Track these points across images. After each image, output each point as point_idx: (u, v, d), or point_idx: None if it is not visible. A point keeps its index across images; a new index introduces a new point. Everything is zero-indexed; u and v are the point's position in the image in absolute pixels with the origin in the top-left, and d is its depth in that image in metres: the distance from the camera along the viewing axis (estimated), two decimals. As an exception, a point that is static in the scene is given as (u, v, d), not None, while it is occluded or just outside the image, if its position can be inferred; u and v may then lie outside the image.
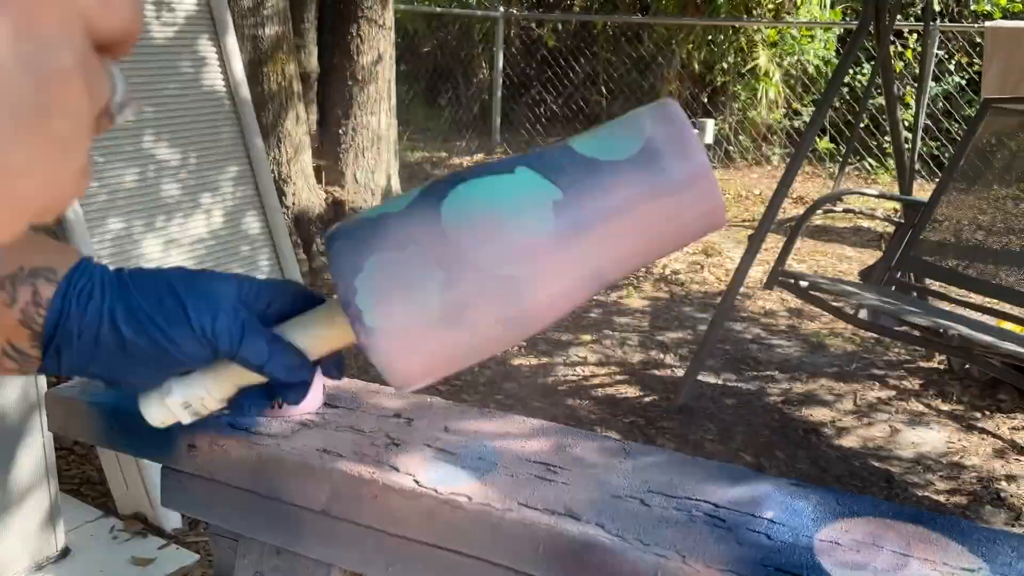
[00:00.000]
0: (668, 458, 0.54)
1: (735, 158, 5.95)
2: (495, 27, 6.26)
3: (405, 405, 0.60)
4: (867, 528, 0.47)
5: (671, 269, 3.73)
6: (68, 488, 1.81)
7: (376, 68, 3.70)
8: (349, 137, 3.73)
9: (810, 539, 0.46)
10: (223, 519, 0.57)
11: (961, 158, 2.36)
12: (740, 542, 0.45)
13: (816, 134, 2.70)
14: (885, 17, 2.42)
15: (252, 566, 0.57)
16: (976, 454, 2.22)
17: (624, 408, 2.41)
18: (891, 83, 2.66)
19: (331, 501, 0.52)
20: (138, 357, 0.40)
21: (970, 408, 2.46)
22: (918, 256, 2.36)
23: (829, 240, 4.25)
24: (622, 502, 0.49)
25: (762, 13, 5.96)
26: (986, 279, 2.19)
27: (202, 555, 1.63)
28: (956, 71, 5.48)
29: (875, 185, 5.23)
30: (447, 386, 2.47)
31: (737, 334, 2.99)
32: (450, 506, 0.49)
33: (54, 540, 1.57)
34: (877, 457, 2.20)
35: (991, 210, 2.30)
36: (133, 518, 1.73)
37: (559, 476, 0.51)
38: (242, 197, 2.12)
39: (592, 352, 2.81)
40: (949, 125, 5.30)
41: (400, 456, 0.53)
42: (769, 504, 0.49)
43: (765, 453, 2.20)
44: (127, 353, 0.40)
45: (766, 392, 2.54)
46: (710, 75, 6.00)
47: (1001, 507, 1.99)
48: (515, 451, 0.54)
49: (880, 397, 2.53)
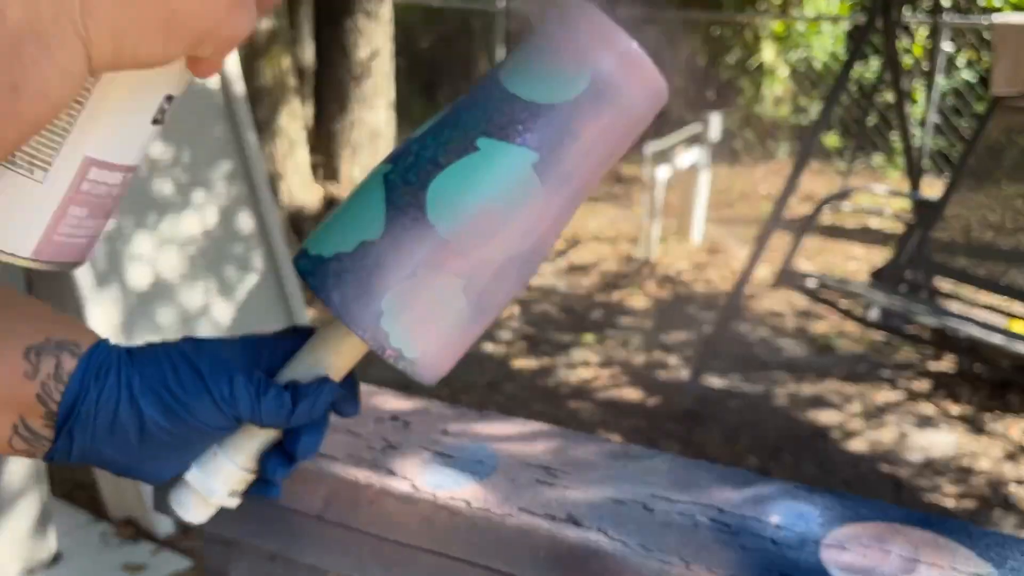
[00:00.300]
0: (672, 462, 0.53)
1: (741, 154, 5.93)
2: (494, 21, 6.27)
3: (402, 408, 0.59)
4: (875, 532, 0.46)
5: (675, 268, 3.71)
6: (60, 493, 1.81)
7: (373, 63, 3.69)
8: (345, 133, 3.72)
9: (817, 544, 0.45)
10: (216, 524, 0.56)
11: (971, 156, 2.34)
12: (745, 547, 0.44)
13: (824, 130, 2.68)
14: (893, 11, 2.40)
15: (245, 572, 0.56)
16: (986, 457, 2.20)
17: (627, 411, 2.40)
18: (899, 78, 2.64)
19: (326, 506, 0.51)
20: (157, 437, 0.38)
21: (980, 410, 2.44)
22: (928, 256, 2.34)
23: (837, 239, 4.23)
24: (624, 507, 0.48)
25: (768, 7, 5.94)
26: (996, 279, 2.17)
27: (195, 560, 1.62)
28: (966, 66, 5.44)
29: (884, 182, 5.21)
30: (446, 388, 2.46)
31: (743, 335, 2.97)
32: (448, 511, 0.48)
33: (46, 545, 1.57)
34: (886, 461, 2.18)
35: (1001, 209, 2.28)
36: (125, 523, 1.73)
37: (560, 480, 0.50)
38: (236, 194, 2.11)
39: (594, 353, 2.80)
40: (958, 122, 5.26)
41: (397, 460, 0.52)
42: (775, 508, 0.48)
43: (771, 457, 2.18)
44: (145, 434, 0.38)
45: (772, 394, 2.53)
46: (715, 70, 5.99)
47: (1011, 511, 1.97)
48: (515, 455, 0.53)
49: (889, 400, 2.51)
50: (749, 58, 5.93)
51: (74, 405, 0.38)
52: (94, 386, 0.38)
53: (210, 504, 0.42)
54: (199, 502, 0.41)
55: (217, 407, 0.38)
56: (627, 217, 4.48)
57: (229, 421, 0.39)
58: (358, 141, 3.72)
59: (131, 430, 0.38)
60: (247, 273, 2.12)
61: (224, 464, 0.40)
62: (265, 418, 0.39)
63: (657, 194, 3.65)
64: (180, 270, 1.96)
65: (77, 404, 0.38)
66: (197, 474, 0.40)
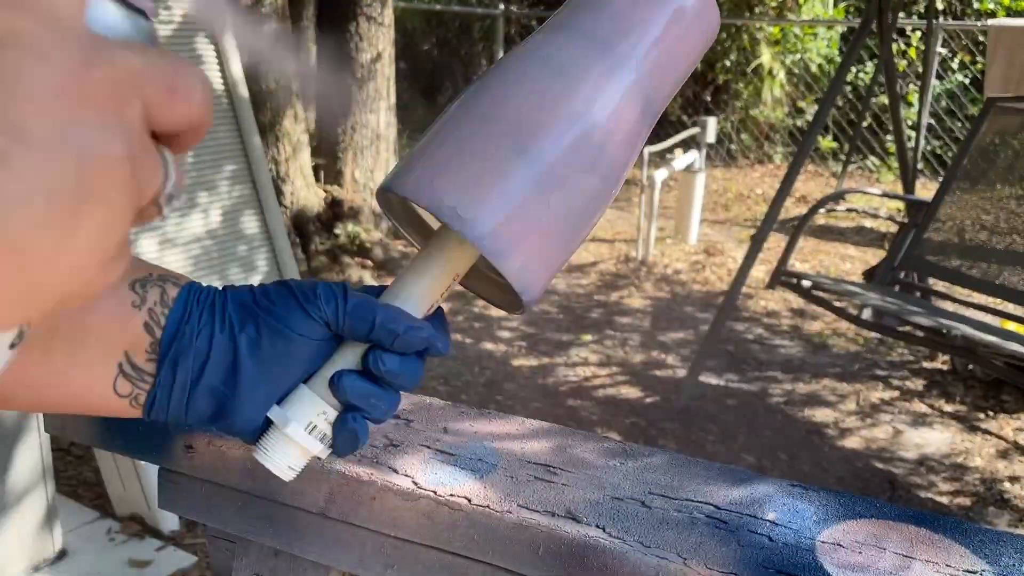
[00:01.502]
0: (669, 459, 0.53)
1: (737, 156, 5.94)
2: (495, 25, 6.26)
3: (404, 405, 0.60)
4: (870, 530, 0.46)
5: (672, 268, 3.72)
6: (65, 490, 1.81)
7: (375, 66, 3.69)
8: (348, 136, 3.73)
9: (812, 541, 0.45)
10: (220, 521, 0.57)
11: (964, 157, 2.36)
12: (742, 544, 0.45)
13: (819, 133, 2.69)
14: (888, 15, 2.41)
15: (249, 568, 0.57)
16: (979, 455, 2.21)
17: (625, 409, 2.41)
18: (894, 81, 2.65)
19: (329, 502, 0.52)
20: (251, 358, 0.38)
21: (973, 409, 2.45)
22: (921, 256, 2.36)
23: (832, 239, 4.24)
24: (623, 504, 0.48)
25: (764, 11, 5.95)
26: (990, 279, 2.19)
27: (199, 557, 1.62)
28: (959, 69, 5.46)
29: (878, 184, 5.22)
30: (446, 386, 2.47)
31: (739, 334, 2.98)
32: (449, 508, 0.49)
33: (51, 542, 1.57)
34: (880, 458, 2.19)
35: (994, 210, 2.29)
36: (130, 520, 1.73)
37: (559, 477, 0.51)
38: (239, 196, 2.11)
39: (593, 352, 2.80)
40: (952, 124, 5.28)
41: (399, 457, 0.53)
42: (771, 506, 0.48)
43: (767, 454, 2.19)
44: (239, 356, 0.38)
45: (768, 393, 2.54)
46: (712, 73, 6.00)
47: (1005, 508, 1.98)
48: (515, 452, 0.54)
49: (883, 398, 2.53)
50: (746, 61, 5.94)
51: (177, 330, 0.39)
52: (196, 308, 0.39)
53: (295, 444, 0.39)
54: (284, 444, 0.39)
55: (309, 317, 0.38)
56: (625, 218, 4.49)
57: (319, 328, 0.39)
58: (360, 144, 3.72)
59: (227, 352, 0.39)
60: (251, 274, 2.12)
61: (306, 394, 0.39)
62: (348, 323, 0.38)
63: (654, 196, 3.66)
64: (184, 271, 1.97)
65: (181, 325, 0.39)
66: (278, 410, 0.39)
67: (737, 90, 6.02)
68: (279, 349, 0.39)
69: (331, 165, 3.76)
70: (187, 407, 0.39)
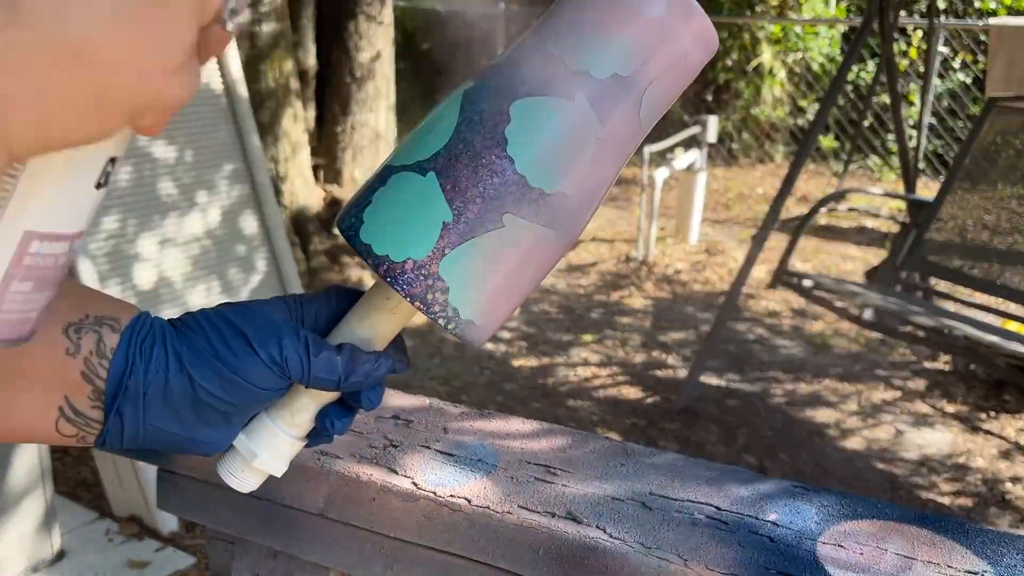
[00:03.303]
0: (670, 460, 0.53)
1: (738, 156, 5.94)
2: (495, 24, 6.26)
3: (404, 406, 0.60)
4: (871, 530, 0.46)
5: (673, 268, 3.72)
6: (64, 490, 1.81)
7: (375, 65, 3.69)
8: (347, 135, 3.73)
9: (813, 542, 0.45)
10: (219, 521, 0.57)
11: (966, 157, 2.35)
12: (743, 545, 0.45)
13: (820, 132, 2.69)
14: (889, 14, 2.41)
15: (249, 569, 0.57)
16: (981, 456, 2.20)
17: (625, 409, 2.41)
18: (895, 81, 2.65)
19: (328, 503, 0.52)
20: (210, 406, 0.37)
21: (975, 409, 2.45)
22: (923, 256, 2.35)
23: (833, 239, 4.24)
24: (623, 504, 0.48)
25: (766, 10, 5.95)
26: (991, 279, 2.18)
27: (198, 558, 1.62)
28: (961, 69, 5.46)
29: (879, 184, 5.22)
30: (446, 387, 2.47)
31: (740, 334, 2.98)
32: (449, 508, 0.48)
33: (50, 542, 1.57)
34: (881, 459, 2.19)
35: (996, 209, 2.29)
36: (129, 520, 1.73)
37: (559, 478, 0.51)
38: (239, 196, 2.11)
39: (593, 352, 2.80)
40: (954, 123, 5.28)
41: (398, 458, 0.53)
42: (772, 506, 0.48)
43: (768, 455, 2.19)
44: (198, 403, 0.37)
45: (769, 393, 2.54)
46: (713, 72, 5.99)
47: (1006, 509, 1.98)
48: (515, 453, 0.53)
49: (885, 398, 2.52)
50: (747, 60, 5.94)
51: (121, 380, 0.37)
52: (140, 360, 0.37)
53: (257, 470, 0.41)
54: (246, 469, 0.40)
55: (268, 369, 0.37)
56: (625, 218, 4.49)
57: (282, 382, 0.38)
58: (359, 143, 3.73)
59: (184, 401, 0.37)
60: (250, 274, 2.12)
61: (269, 427, 0.40)
62: (314, 380, 0.38)
63: (655, 195, 3.66)
64: (183, 271, 1.97)
65: (124, 379, 0.37)
66: (244, 440, 0.40)
67: (738, 89, 6.01)
68: (234, 396, 0.38)
69: (331, 165, 3.76)
70: (141, 445, 0.39)
